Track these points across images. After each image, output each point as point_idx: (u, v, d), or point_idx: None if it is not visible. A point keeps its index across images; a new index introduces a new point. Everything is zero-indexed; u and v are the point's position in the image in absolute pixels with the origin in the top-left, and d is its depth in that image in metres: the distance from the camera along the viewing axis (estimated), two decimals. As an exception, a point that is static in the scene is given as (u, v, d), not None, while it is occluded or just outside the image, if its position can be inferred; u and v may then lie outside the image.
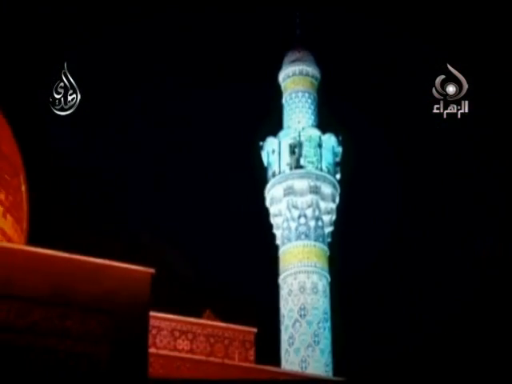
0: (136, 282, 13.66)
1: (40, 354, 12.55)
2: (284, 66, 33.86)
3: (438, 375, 23.24)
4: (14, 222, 18.07)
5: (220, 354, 16.88)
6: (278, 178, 31.16)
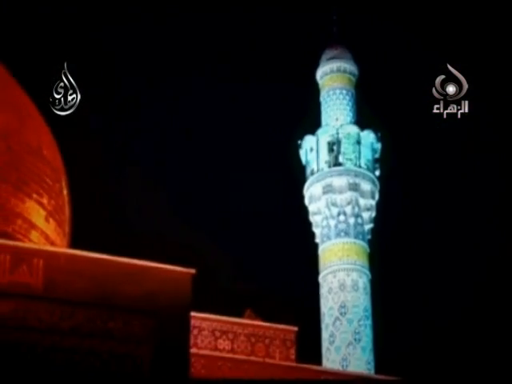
0: (177, 283, 13.82)
1: (84, 355, 12.78)
2: (321, 64, 33.83)
3: (484, 369, 23.09)
4: (56, 226, 18.36)
5: (261, 353, 16.96)
6: (316, 176, 31.16)
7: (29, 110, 19.15)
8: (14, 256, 12.87)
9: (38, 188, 18.00)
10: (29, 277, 12.85)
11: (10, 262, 12.81)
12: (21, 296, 12.67)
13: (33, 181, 17.95)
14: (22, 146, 18.05)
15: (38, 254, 13.06)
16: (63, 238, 18.76)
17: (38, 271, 12.93)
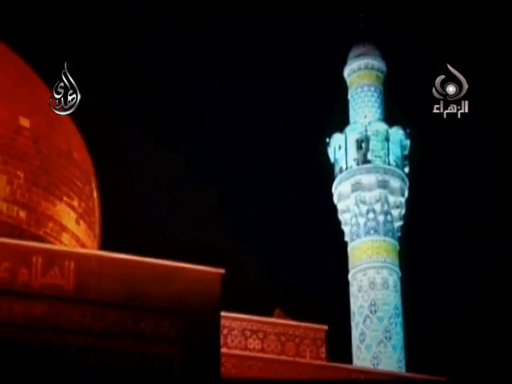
0: (207, 283, 13.91)
1: (115, 356, 12.91)
2: (349, 61, 33.74)
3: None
4: (87, 228, 18.53)
5: (291, 352, 17.00)
6: (345, 174, 31.10)
7: (59, 114, 19.34)
8: (46, 258, 13.03)
9: (68, 191, 18.18)
10: (60, 279, 13.01)
11: (42, 265, 12.97)
12: (53, 298, 12.83)
13: (63, 184, 18.14)
14: (52, 149, 18.24)
15: (69, 257, 13.21)
16: (94, 240, 18.93)
17: (69, 273, 13.07)
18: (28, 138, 17.88)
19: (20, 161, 17.45)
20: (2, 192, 17.02)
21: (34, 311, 12.69)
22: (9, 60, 19.34)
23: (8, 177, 17.17)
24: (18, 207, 17.11)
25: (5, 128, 17.65)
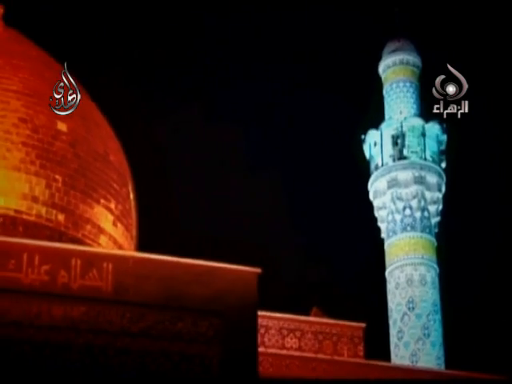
0: (244, 283, 13.98)
1: (154, 356, 13.04)
2: (384, 57, 33.57)
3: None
4: (124, 230, 18.76)
5: (329, 350, 17.01)
6: (381, 171, 30.95)
7: (95, 118, 19.62)
8: (85, 261, 13.19)
9: (105, 193, 18.42)
10: (99, 281, 13.16)
11: (80, 267, 13.14)
12: (92, 300, 12.99)
13: (100, 186, 18.38)
14: (89, 152, 18.50)
15: (107, 258, 13.35)
16: (131, 242, 19.14)
17: (107, 275, 13.22)
18: (65, 142, 18.17)
19: (58, 165, 17.74)
20: (41, 196, 17.32)
21: (73, 313, 12.87)
22: (47, 66, 19.68)
23: (46, 181, 17.47)
24: (56, 211, 17.39)
25: (43, 133, 17.95)
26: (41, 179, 17.44)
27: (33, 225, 17.03)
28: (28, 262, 12.87)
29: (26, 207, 17.13)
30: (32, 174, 17.41)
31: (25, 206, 17.12)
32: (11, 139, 17.55)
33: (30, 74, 18.97)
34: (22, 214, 17.01)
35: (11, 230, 16.71)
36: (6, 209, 16.96)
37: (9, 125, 17.75)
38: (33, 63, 19.48)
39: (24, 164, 17.40)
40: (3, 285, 12.62)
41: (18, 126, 17.81)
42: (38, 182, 17.38)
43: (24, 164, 17.40)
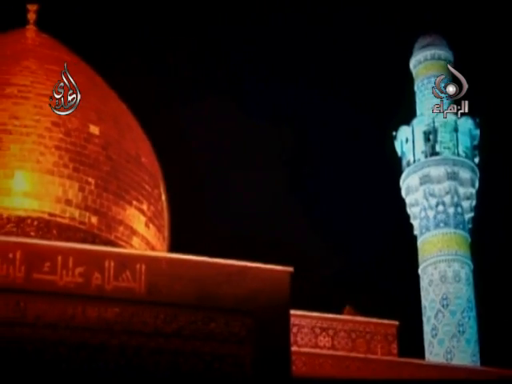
0: (276, 282, 14.02)
1: (187, 357, 13.15)
2: (415, 52, 33.39)
3: None
4: (156, 231, 18.92)
5: (362, 349, 17.01)
6: (413, 167, 30.80)
7: (127, 120, 19.82)
8: (118, 262, 13.30)
9: (137, 195, 18.60)
10: (132, 282, 13.28)
11: (114, 269, 13.27)
12: (125, 301, 13.12)
13: (133, 188, 18.56)
14: (121, 155, 18.70)
15: (140, 260, 13.45)
16: (163, 243, 19.30)
17: (140, 276, 13.33)
18: (98, 144, 18.38)
19: (91, 168, 17.96)
20: (74, 199, 17.54)
21: (107, 314, 13.02)
22: (79, 70, 19.91)
23: (79, 184, 17.69)
24: (89, 213, 17.60)
25: (75, 136, 18.18)
26: (74, 182, 17.65)
27: (66, 227, 17.26)
28: (62, 264, 13.03)
29: (60, 210, 17.36)
30: (65, 177, 17.64)
31: (58, 209, 17.35)
32: (44, 143, 17.81)
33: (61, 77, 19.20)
34: (55, 217, 17.25)
35: (45, 233, 16.96)
36: (41, 212, 17.21)
37: (42, 129, 18.01)
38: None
39: (57, 167, 17.64)
40: (39, 287, 12.80)
41: (51, 129, 18.06)
42: (71, 185, 17.60)
43: (57, 167, 17.64)
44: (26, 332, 12.61)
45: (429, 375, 16.96)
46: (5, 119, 17.92)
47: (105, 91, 20.12)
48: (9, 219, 16.91)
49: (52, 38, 20.75)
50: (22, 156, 17.53)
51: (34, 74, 19.01)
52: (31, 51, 19.77)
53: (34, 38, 20.40)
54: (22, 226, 16.88)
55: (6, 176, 17.30)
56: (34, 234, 16.81)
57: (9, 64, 19.04)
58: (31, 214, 17.06)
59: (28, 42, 20.20)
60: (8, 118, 17.94)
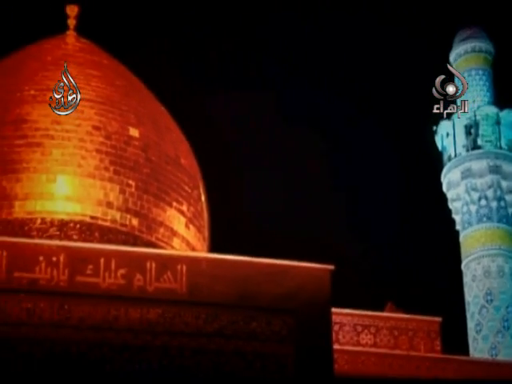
0: (316, 280, 14.04)
1: (229, 356, 13.24)
2: (455, 46, 33.09)
3: None
4: (196, 232, 19.05)
5: (404, 346, 16.94)
6: (454, 162, 30.55)
7: (166, 122, 20.00)
8: (159, 263, 13.43)
9: (177, 196, 18.75)
10: (174, 283, 13.41)
11: (155, 270, 13.42)
12: (167, 302, 13.25)
13: (172, 189, 18.72)
14: (160, 157, 18.87)
15: (181, 260, 13.56)
16: (203, 243, 19.42)
17: (181, 277, 13.46)
18: (137, 147, 18.57)
19: (131, 170, 18.15)
20: (115, 201, 17.75)
21: (149, 315, 13.18)
22: (118, 74, 20.18)
23: (120, 186, 17.89)
24: (130, 215, 17.80)
25: (115, 139, 18.40)
26: (115, 185, 17.87)
27: (108, 230, 17.47)
28: (105, 266, 13.21)
29: (101, 213, 17.59)
30: (106, 180, 17.86)
31: (100, 212, 17.58)
32: (85, 147, 18.04)
33: (101, 82, 19.47)
34: (97, 220, 17.48)
35: (88, 235, 17.20)
36: (83, 215, 17.44)
37: (83, 133, 18.25)
38: (104, 71, 19.99)
39: (98, 171, 17.87)
40: (82, 290, 13.01)
41: (92, 133, 18.29)
42: (112, 188, 17.82)
43: (98, 171, 17.87)
44: (71, 334, 12.82)
45: (474, 372, 16.82)
46: (47, 124, 18.18)
47: (144, 94, 20.32)
48: (52, 223, 17.17)
49: (91, 43, 21.00)
50: (63, 160, 17.78)
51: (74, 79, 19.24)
52: (71, 56, 20.03)
53: (74, 43, 20.67)
54: (64, 230, 17.14)
55: (48, 180, 17.57)
56: (77, 237, 17.05)
57: (50, 70, 19.31)
58: (73, 217, 17.31)
59: (68, 47, 20.47)
60: (50, 124, 18.20)
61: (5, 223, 17.09)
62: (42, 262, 13.00)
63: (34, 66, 19.54)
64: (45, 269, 13.00)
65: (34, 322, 12.74)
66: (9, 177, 17.48)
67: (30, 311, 12.78)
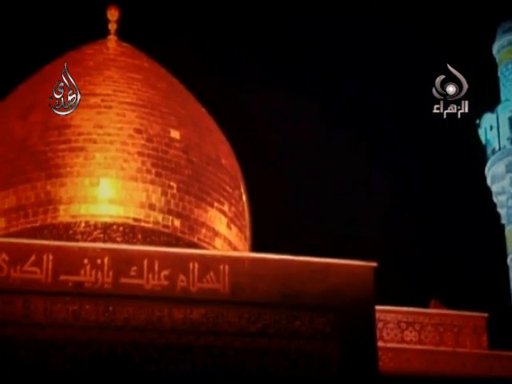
0: (359, 277, 14.02)
1: (273, 355, 13.28)
2: (498, 37, 32.58)
3: None
4: (238, 232, 19.11)
5: (450, 342, 16.77)
6: (498, 155, 30.10)
7: (207, 123, 20.09)
8: (202, 264, 13.55)
9: (218, 197, 18.83)
10: (216, 283, 13.50)
11: (198, 270, 13.53)
12: (210, 302, 13.36)
13: (214, 190, 18.79)
14: (201, 158, 18.96)
15: (223, 261, 13.66)
16: (245, 243, 19.47)
17: (224, 277, 13.55)
18: (179, 149, 18.69)
19: (172, 172, 18.28)
20: (158, 203, 17.90)
21: (193, 316, 13.29)
22: (159, 76, 20.33)
23: (162, 188, 18.03)
24: (172, 216, 17.93)
25: (157, 142, 18.54)
26: (157, 187, 18.01)
27: (151, 232, 17.62)
28: (148, 268, 13.37)
29: (144, 215, 17.74)
30: (148, 182, 18.01)
31: (143, 214, 17.73)
32: (128, 150, 18.22)
33: (142, 85, 19.64)
34: (140, 222, 17.63)
35: (131, 238, 17.36)
36: (126, 218, 17.61)
37: (125, 136, 18.43)
38: (145, 75, 20.16)
39: (140, 173, 18.02)
40: (127, 292, 13.17)
41: (134, 136, 18.46)
42: (154, 190, 17.96)
43: (140, 173, 18.02)
44: (116, 335, 13.01)
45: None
46: (89, 129, 18.40)
47: (184, 96, 20.44)
48: (96, 226, 17.38)
49: (132, 47, 21.18)
50: (106, 164, 17.97)
51: (116, 83, 19.48)
52: (113, 61, 20.24)
53: (115, 47, 20.87)
54: (108, 232, 17.33)
55: (91, 184, 17.78)
56: (120, 239, 17.23)
57: (92, 75, 19.55)
58: (117, 220, 17.50)
59: (110, 52, 20.67)
60: (92, 128, 18.41)
61: (50, 227, 17.34)
62: (87, 265, 13.20)
63: (76, 71, 19.80)
64: (90, 271, 13.20)
65: (80, 324, 12.95)
66: (53, 181, 17.74)
67: (76, 313, 12.99)
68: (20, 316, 12.82)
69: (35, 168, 17.92)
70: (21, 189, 17.82)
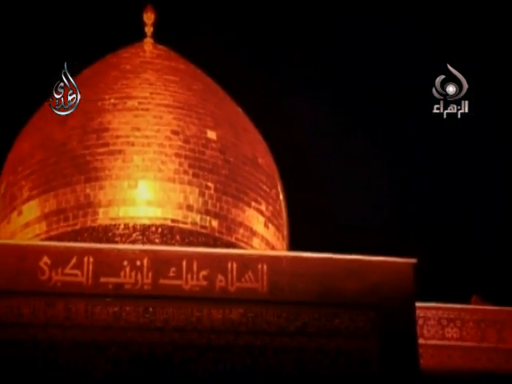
0: (399, 274, 13.97)
1: (312, 354, 13.29)
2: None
3: None
4: (275, 231, 19.14)
5: (492, 338, 16.60)
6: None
7: (243, 123, 20.16)
8: (240, 264, 13.62)
9: (255, 196, 18.89)
10: (255, 282, 13.56)
11: (236, 270, 13.60)
12: (249, 301, 13.42)
13: (251, 190, 18.86)
14: (238, 157, 19.03)
15: (261, 260, 13.71)
16: (282, 242, 19.51)
17: (262, 276, 13.60)
18: (215, 149, 18.80)
19: (210, 172, 18.39)
20: (195, 204, 18.02)
21: (232, 316, 13.36)
22: (195, 78, 20.46)
23: (199, 189, 18.15)
24: (210, 217, 18.03)
25: (194, 142, 18.68)
26: (194, 188, 18.14)
27: (189, 233, 17.75)
28: (187, 268, 13.48)
29: (182, 216, 17.87)
30: (186, 183, 18.15)
31: (180, 215, 17.87)
32: (165, 152, 18.37)
33: (179, 87, 19.80)
34: (178, 223, 17.77)
35: (169, 239, 17.52)
36: (164, 219, 17.76)
37: (162, 138, 18.59)
38: (181, 76, 20.31)
39: (178, 175, 18.16)
40: (166, 293, 13.30)
41: (171, 138, 18.62)
42: (191, 191, 18.09)
43: (178, 175, 18.16)
44: (156, 336, 13.14)
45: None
46: (127, 131, 18.60)
47: (220, 96, 20.54)
48: (134, 228, 17.56)
49: (168, 49, 21.35)
50: (144, 166, 18.14)
51: (152, 86, 19.67)
52: (149, 63, 20.44)
53: (151, 50, 21.07)
54: (147, 234, 17.50)
55: (130, 187, 17.97)
56: (159, 240, 17.38)
57: (129, 78, 19.75)
58: (155, 221, 17.66)
59: (146, 54, 20.87)
60: (130, 130, 18.61)
61: (90, 230, 17.57)
62: (127, 267, 13.36)
63: (114, 74, 20.02)
64: (129, 273, 13.35)
65: (120, 326, 13.11)
66: (92, 185, 17.96)
67: (117, 315, 13.15)
68: (62, 318, 13.02)
69: (74, 172, 18.16)
70: (61, 192, 18.07)
